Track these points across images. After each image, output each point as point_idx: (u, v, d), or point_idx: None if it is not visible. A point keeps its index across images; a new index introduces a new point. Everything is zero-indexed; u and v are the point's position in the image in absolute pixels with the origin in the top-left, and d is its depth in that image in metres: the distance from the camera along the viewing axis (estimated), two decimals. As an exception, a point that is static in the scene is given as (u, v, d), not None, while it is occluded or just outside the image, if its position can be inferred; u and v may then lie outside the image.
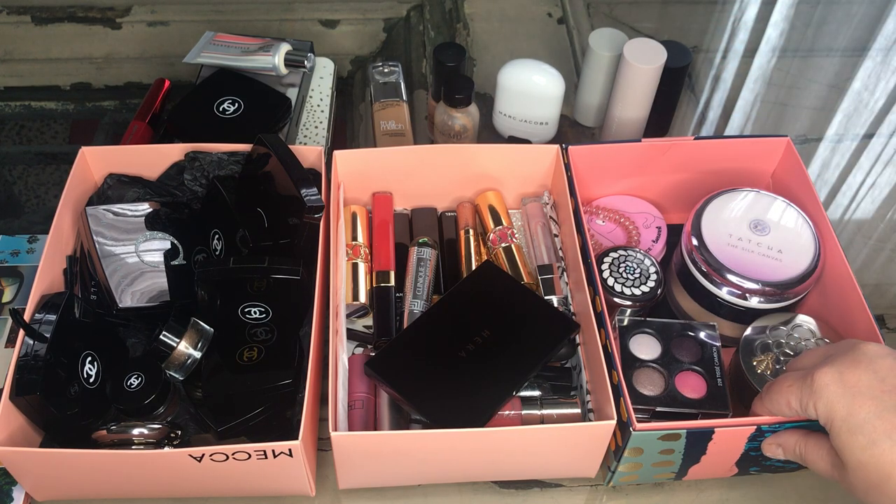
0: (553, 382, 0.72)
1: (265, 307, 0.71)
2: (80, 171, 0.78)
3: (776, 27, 1.12)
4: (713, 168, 0.82)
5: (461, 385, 0.68)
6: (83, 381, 0.67)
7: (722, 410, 0.67)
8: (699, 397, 0.67)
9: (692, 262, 0.73)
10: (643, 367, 0.69)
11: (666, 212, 0.84)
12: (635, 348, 0.70)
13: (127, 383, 0.68)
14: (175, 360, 0.69)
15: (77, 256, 0.76)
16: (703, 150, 0.80)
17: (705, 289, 0.73)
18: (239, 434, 0.67)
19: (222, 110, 0.89)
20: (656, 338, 0.71)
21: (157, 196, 0.80)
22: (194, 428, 0.70)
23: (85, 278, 0.75)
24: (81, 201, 0.78)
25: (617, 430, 0.64)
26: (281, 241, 0.74)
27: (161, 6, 1.12)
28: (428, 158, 0.81)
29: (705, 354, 0.70)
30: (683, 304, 0.77)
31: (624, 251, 0.77)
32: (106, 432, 0.65)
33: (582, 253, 0.72)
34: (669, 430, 0.61)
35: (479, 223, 0.84)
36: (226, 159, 0.80)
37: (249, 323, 0.72)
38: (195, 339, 0.70)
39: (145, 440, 0.65)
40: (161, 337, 0.68)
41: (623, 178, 0.83)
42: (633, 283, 0.74)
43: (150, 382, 0.68)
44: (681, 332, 0.71)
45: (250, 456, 0.61)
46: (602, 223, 0.83)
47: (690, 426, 0.62)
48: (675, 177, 0.83)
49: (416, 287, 0.77)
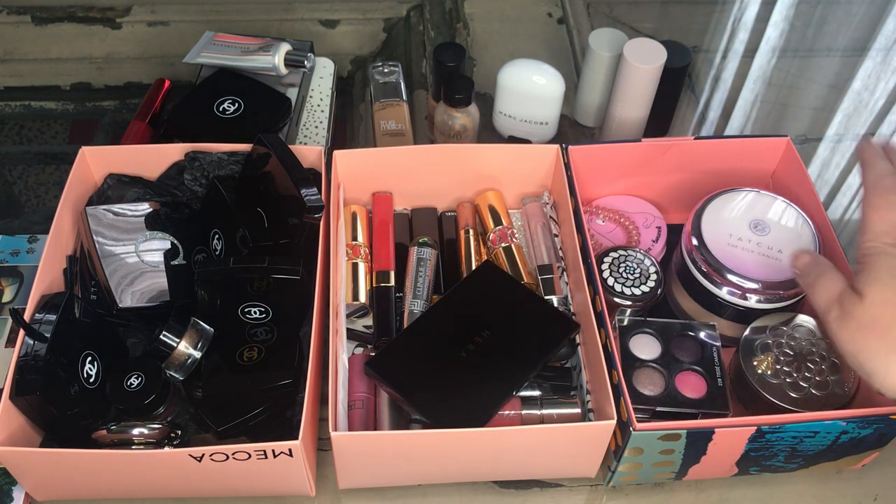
0: (553, 382, 0.72)
1: (265, 307, 0.71)
2: (80, 171, 0.78)
3: (776, 27, 1.12)
4: (713, 168, 0.82)
5: (461, 385, 0.68)
6: (83, 381, 0.67)
7: (722, 410, 0.67)
8: (699, 397, 0.67)
9: (692, 261, 0.73)
10: (643, 367, 0.69)
11: (666, 212, 0.84)
12: (635, 348, 0.70)
13: (127, 383, 0.68)
14: (175, 360, 0.69)
15: (77, 256, 0.76)
16: (703, 150, 0.80)
17: (705, 289, 0.73)
18: (239, 434, 0.67)
19: (222, 110, 0.89)
20: (656, 338, 0.71)
21: (157, 196, 0.80)
22: (194, 428, 0.70)
23: (85, 278, 0.75)
24: (81, 201, 0.78)
25: (617, 430, 0.64)
26: (281, 241, 0.74)
27: (161, 6, 1.12)
28: (428, 158, 0.81)
29: (705, 354, 0.70)
30: (683, 304, 0.77)
31: (624, 251, 0.77)
32: (106, 432, 0.65)
33: (582, 253, 0.72)
34: (669, 430, 0.61)
35: (479, 223, 0.84)
36: (226, 159, 0.80)
37: (249, 323, 0.71)
38: (195, 339, 0.69)
39: (145, 440, 0.65)
40: (161, 337, 0.68)
41: (623, 177, 0.83)
42: (633, 283, 0.74)
43: (150, 382, 0.68)
44: (681, 332, 0.71)
45: (250, 456, 0.61)
46: (602, 223, 0.83)
47: (690, 426, 0.62)
48: (675, 177, 0.83)
49: (416, 287, 0.77)
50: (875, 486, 0.71)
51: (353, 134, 0.98)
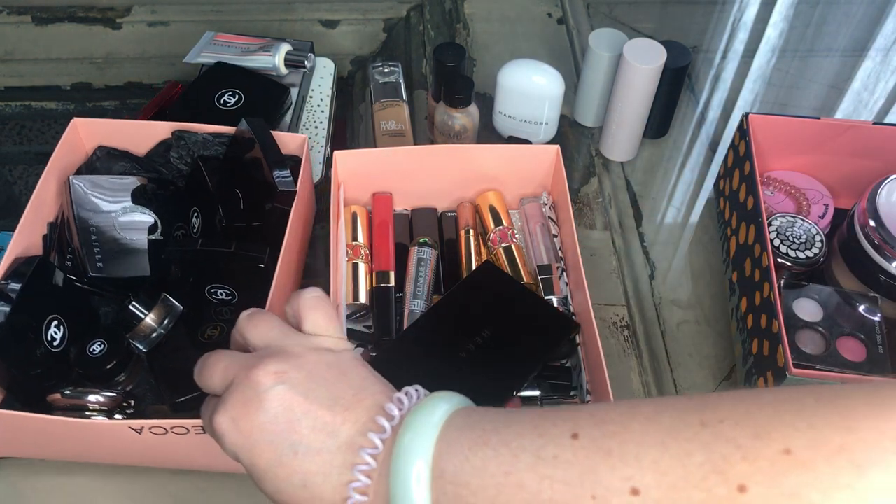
0: (553, 381, 0.73)
1: (231, 290, 0.72)
2: (69, 141, 0.78)
3: (776, 27, 1.12)
4: (886, 157, 0.83)
5: (461, 385, 0.67)
6: (47, 343, 0.68)
7: (883, 375, 0.68)
8: (860, 361, 0.69)
9: (864, 234, 0.74)
10: (805, 328, 0.71)
11: (833, 194, 0.86)
12: (798, 310, 0.72)
13: (90, 349, 0.69)
14: (140, 332, 0.70)
15: (58, 223, 0.77)
16: (880, 136, 0.82)
17: (872, 261, 0.73)
18: (194, 409, 0.67)
19: (223, 102, 0.89)
20: (818, 302, 0.73)
21: (145, 171, 0.81)
22: (152, 399, 0.71)
23: (63, 245, 0.76)
24: (68, 170, 0.79)
25: (770, 377, 0.66)
26: (254, 224, 0.75)
27: (161, 6, 1.12)
28: (428, 159, 0.81)
29: (866, 323, 0.72)
30: (842, 281, 0.78)
31: (792, 217, 0.80)
32: (60, 396, 0.66)
33: (754, 212, 0.75)
34: (827, 382, 0.63)
35: (480, 223, 0.84)
36: (211, 140, 0.80)
37: (215, 302, 0.73)
38: (163, 313, 0.71)
39: (99, 407, 0.66)
40: (130, 307, 0.70)
41: (796, 154, 0.85)
42: (798, 248, 0.77)
43: (112, 350, 0.69)
44: (842, 300, 0.73)
45: (188, 431, 0.61)
46: (771, 193, 0.86)
47: (850, 377, 0.64)
48: (848, 161, 0.85)
49: (417, 287, 0.77)
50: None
51: (353, 134, 0.98)
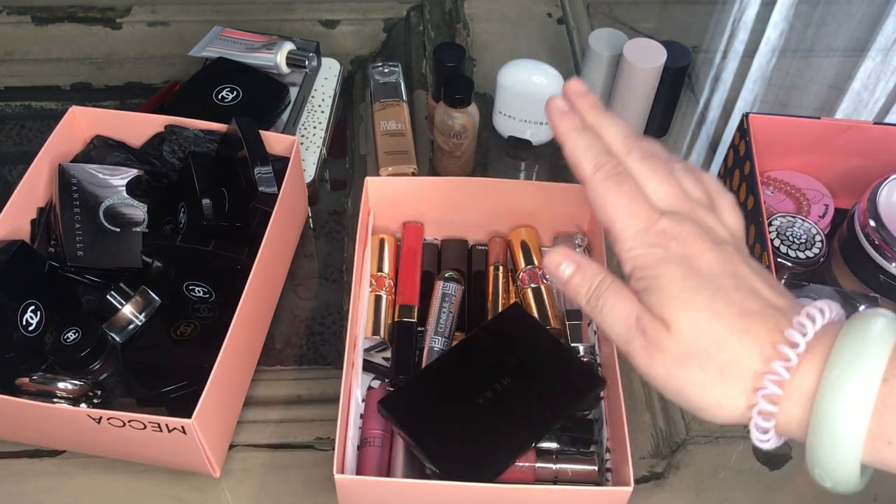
0: (572, 434, 0.69)
1: (208, 288, 0.73)
2: (65, 128, 0.79)
3: (776, 27, 1.12)
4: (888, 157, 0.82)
5: (475, 434, 0.64)
6: (21, 328, 0.68)
7: None
8: None
9: (864, 234, 0.74)
10: None
11: (833, 194, 0.86)
12: None
13: (64, 336, 0.69)
14: (117, 323, 0.71)
15: (46, 209, 0.77)
16: (880, 136, 0.81)
17: (873, 262, 0.73)
18: (159, 403, 0.68)
19: (221, 98, 0.89)
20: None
21: (138, 163, 0.81)
22: (121, 391, 0.71)
23: (49, 231, 0.76)
24: (63, 157, 0.79)
25: None
26: (236, 224, 0.75)
27: (161, 6, 1.12)
28: (462, 189, 0.78)
29: None
30: (842, 281, 0.78)
31: (792, 217, 0.80)
32: (29, 380, 0.66)
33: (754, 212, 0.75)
34: None
35: (510, 259, 0.81)
36: (202, 137, 0.81)
37: (193, 299, 0.73)
38: (141, 305, 0.71)
39: (66, 395, 0.66)
40: (108, 297, 0.70)
41: (795, 154, 0.85)
42: (798, 248, 0.77)
43: (86, 339, 0.69)
44: (842, 300, 0.73)
45: (145, 426, 0.61)
46: (771, 193, 0.85)
47: None
48: (847, 160, 0.84)
49: (439, 323, 0.74)
50: (875, 485, 0.71)
51: (353, 134, 0.98)
